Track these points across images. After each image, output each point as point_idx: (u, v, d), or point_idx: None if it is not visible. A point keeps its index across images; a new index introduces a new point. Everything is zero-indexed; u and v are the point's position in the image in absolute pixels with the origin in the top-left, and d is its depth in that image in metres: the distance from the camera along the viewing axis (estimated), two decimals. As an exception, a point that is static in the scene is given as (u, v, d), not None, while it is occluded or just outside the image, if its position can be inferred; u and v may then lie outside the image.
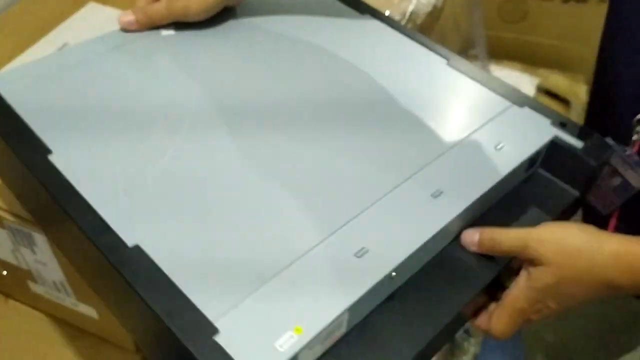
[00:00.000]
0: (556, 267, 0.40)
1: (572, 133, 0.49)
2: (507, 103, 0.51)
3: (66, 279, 0.55)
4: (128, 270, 0.35)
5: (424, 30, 0.71)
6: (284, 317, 0.34)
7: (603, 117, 0.66)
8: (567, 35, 1.24)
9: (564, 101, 1.19)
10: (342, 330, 0.36)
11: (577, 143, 0.48)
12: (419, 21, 0.66)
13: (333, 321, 0.34)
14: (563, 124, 0.49)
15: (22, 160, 0.40)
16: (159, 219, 0.38)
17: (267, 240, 0.38)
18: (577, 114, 1.17)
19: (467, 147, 0.46)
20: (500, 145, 0.47)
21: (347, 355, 0.36)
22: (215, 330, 0.33)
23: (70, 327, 0.63)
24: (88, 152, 0.42)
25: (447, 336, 0.43)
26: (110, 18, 0.69)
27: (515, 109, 0.50)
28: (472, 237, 0.42)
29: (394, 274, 0.37)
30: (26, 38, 0.63)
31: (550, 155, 0.48)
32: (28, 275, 0.59)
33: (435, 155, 0.45)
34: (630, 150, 0.50)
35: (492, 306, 0.44)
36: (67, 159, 0.41)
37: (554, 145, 0.48)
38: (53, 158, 0.40)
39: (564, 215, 0.49)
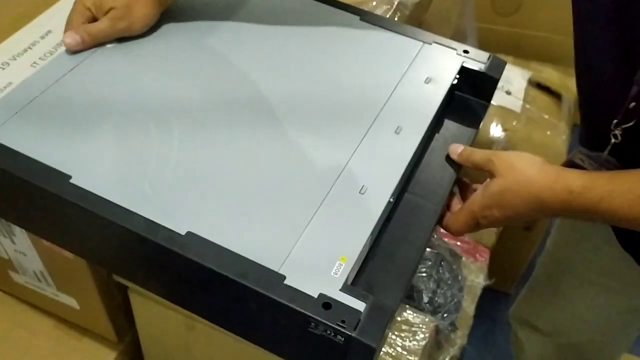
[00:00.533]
0: (503, 178, 0.50)
1: (474, 57, 0.61)
2: (419, 43, 0.61)
3: (46, 269, 0.57)
4: (193, 253, 0.41)
5: (412, 21, 0.73)
6: (330, 252, 0.43)
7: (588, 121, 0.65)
8: (559, 29, 1.24)
9: (555, 94, 1.19)
10: (366, 250, 0.46)
11: (480, 64, 0.60)
12: (407, 12, 0.70)
13: (364, 245, 0.44)
14: (466, 51, 0.61)
15: (49, 191, 0.44)
16: (194, 203, 0.44)
17: (290, 196, 0.46)
18: (568, 107, 1.18)
19: (405, 87, 0.56)
20: (427, 79, 0.58)
21: (372, 266, 0.46)
22: (283, 277, 0.41)
23: (52, 317, 0.66)
24: (101, 165, 0.46)
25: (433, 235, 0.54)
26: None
27: (427, 46, 0.61)
28: (457, 149, 0.54)
29: (391, 199, 0.47)
30: (9, 25, 0.61)
31: (462, 78, 0.60)
32: (9, 264, 0.60)
33: (384, 100, 0.55)
34: (605, 154, 0.55)
35: (455, 207, 0.56)
36: (88, 178, 0.45)
37: (464, 69, 0.60)
38: (76, 181, 0.44)
39: (479, 118, 0.61)
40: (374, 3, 0.70)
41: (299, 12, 0.64)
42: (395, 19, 0.71)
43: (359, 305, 0.40)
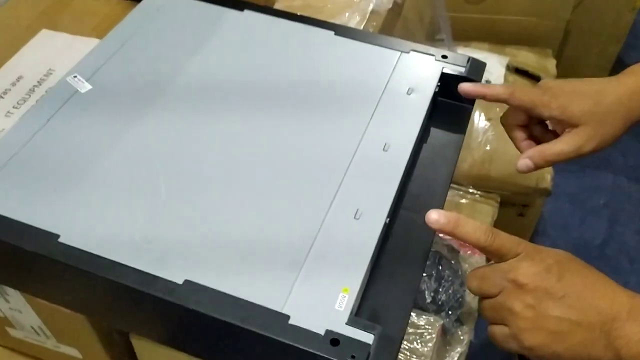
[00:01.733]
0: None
1: (454, 61, 0.60)
2: (397, 53, 0.61)
3: (44, 322, 0.56)
4: (192, 302, 0.40)
5: (387, 27, 0.72)
6: (331, 285, 0.42)
7: None
8: (531, 10, 1.26)
9: (534, 77, 1.18)
10: (367, 278, 0.45)
11: (460, 68, 0.59)
12: (381, 19, 0.69)
13: (365, 273, 0.43)
14: (445, 57, 0.61)
15: (38, 254, 0.43)
16: (189, 249, 0.43)
17: (283, 230, 0.45)
18: (548, 89, 1.18)
19: (388, 100, 0.56)
20: (409, 89, 0.57)
21: (374, 291, 0.45)
22: (287, 317, 0.40)
23: None
24: (89, 220, 0.45)
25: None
26: (63, 44, 0.69)
27: (405, 55, 0.61)
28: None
29: (387, 220, 0.47)
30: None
31: (443, 83, 0.60)
32: (5, 321, 0.59)
33: (369, 117, 0.54)
34: None
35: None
36: (77, 235, 0.44)
37: (445, 75, 0.59)
38: (65, 240, 0.43)
39: (464, 122, 0.61)
40: (347, 15, 0.69)
41: (273, 33, 0.63)
42: (370, 28, 0.70)
43: (367, 338, 0.39)
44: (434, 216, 0.42)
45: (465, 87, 0.51)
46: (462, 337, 0.89)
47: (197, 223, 0.45)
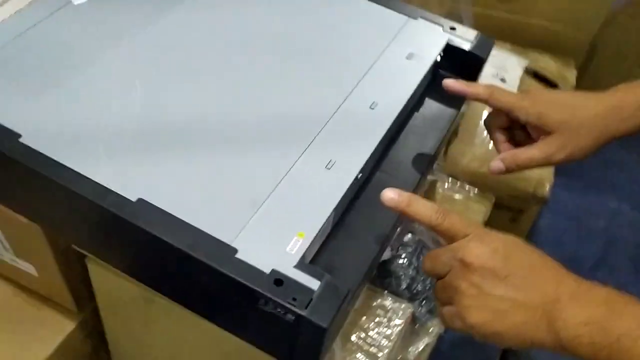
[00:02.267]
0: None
1: (462, 35, 0.58)
2: (404, 18, 0.59)
3: (2, 233, 0.55)
4: (142, 221, 0.39)
5: None
6: (287, 227, 0.40)
7: None
8: (560, 18, 1.22)
9: (552, 85, 1.13)
10: (329, 228, 0.44)
11: (467, 42, 0.57)
12: None
13: (325, 222, 0.41)
14: (453, 28, 0.58)
15: None
16: (149, 169, 0.42)
17: (251, 167, 0.43)
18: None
19: (385, 61, 0.54)
20: (409, 54, 0.55)
21: (334, 246, 0.44)
22: (234, 250, 0.39)
23: (10, 283, 0.63)
24: (54, 125, 0.44)
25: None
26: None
27: (412, 21, 0.59)
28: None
29: (359, 176, 0.45)
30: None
31: (447, 56, 0.58)
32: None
33: (362, 74, 0.52)
34: None
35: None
36: (39, 138, 0.42)
37: (449, 47, 0.57)
38: (25, 140, 0.42)
39: (462, 99, 0.58)
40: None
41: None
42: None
43: (313, 284, 0.38)
44: (389, 194, 0.42)
45: (448, 83, 0.51)
46: (431, 330, 0.87)
47: (165, 145, 0.44)
